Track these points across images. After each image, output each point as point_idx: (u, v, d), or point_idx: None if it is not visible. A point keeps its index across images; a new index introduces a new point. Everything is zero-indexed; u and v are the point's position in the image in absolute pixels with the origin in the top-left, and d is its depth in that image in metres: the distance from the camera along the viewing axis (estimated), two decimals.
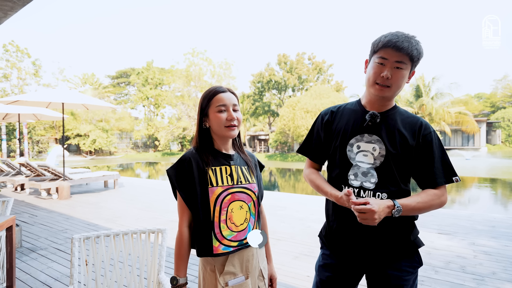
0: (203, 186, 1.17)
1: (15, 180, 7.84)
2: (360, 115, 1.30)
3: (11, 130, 22.09)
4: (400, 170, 1.24)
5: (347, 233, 1.28)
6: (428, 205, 1.18)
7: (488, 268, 3.06)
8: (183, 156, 1.22)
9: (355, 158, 1.27)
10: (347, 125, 1.31)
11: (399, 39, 1.16)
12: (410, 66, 1.20)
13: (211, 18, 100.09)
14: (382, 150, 1.24)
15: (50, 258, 3.45)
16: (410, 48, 1.15)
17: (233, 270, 1.16)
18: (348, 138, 1.30)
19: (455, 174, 1.23)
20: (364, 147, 1.26)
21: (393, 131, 1.24)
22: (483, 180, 13.89)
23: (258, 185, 1.30)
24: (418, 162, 1.24)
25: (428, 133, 1.24)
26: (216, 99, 1.22)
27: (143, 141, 39.03)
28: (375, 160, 1.24)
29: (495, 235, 4.06)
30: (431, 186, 1.22)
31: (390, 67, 1.18)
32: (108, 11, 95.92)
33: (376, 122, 1.25)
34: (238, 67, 79.05)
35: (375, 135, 1.26)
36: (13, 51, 25.40)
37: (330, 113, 1.40)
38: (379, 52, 1.20)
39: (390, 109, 1.29)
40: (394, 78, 1.18)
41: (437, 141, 1.25)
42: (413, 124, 1.26)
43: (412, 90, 24.02)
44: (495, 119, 33.58)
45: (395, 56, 1.16)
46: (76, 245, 1.53)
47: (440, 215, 5.22)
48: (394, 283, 1.23)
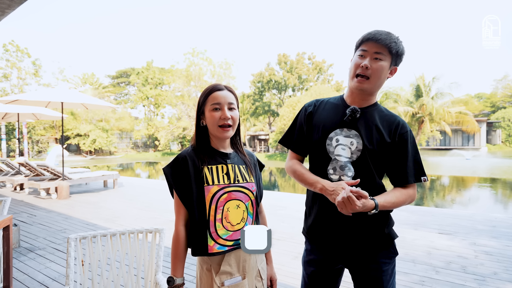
0: (199, 184, 1.16)
1: (14, 180, 7.83)
2: (341, 110, 1.33)
3: (11, 130, 22.07)
4: (376, 165, 1.28)
5: (325, 227, 1.31)
6: (402, 203, 1.24)
7: (489, 268, 3.04)
8: (179, 155, 1.21)
9: (333, 151, 1.30)
10: (328, 119, 1.34)
11: (378, 32, 1.23)
12: (390, 59, 1.25)
13: (211, 18, 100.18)
14: (359, 145, 1.27)
15: (48, 258, 3.43)
16: (388, 40, 1.21)
17: (229, 270, 1.14)
18: (328, 131, 1.32)
19: (424, 174, 1.30)
20: (342, 141, 1.29)
21: (371, 127, 1.28)
22: (483, 180, 13.87)
23: (257, 184, 1.28)
24: (392, 160, 1.29)
25: (405, 132, 1.28)
26: (211, 97, 1.20)
27: (143, 141, 39.01)
28: (352, 155, 1.28)
29: (496, 235, 4.03)
30: (402, 183, 1.28)
31: (369, 58, 1.23)
32: (108, 11, 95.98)
33: (356, 117, 1.28)
34: (238, 67, 78.95)
35: (354, 130, 1.29)
36: (13, 50, 25.38)
37: (313, 105, 1.42)
38: (361, 46, 1.27)
39: (370, 106, 1.33)
40: (373, 68, 1.22)
41: (412, 141, 1.30)
42: (391, 122, 1.30)
43: (413, 90, 23.96)
44: (495, 119, 33.56)
45: (374, 47, 1.22)
46: (72, 245, 1.51)
47: (440, 215, 5.20)
48: (373, 274, 1.29)
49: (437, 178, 14.67)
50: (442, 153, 29.27)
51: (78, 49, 79.27)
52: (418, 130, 23.20)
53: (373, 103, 1.34)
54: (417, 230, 4.31)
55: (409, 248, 3.60)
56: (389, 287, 1.31)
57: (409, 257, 3.34)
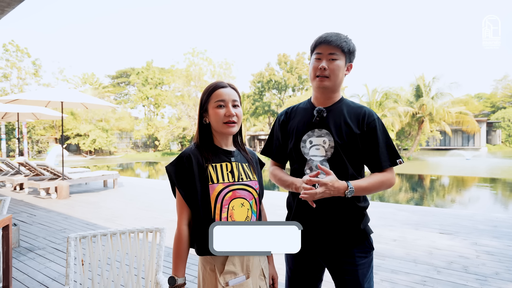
0: (203, 183, 1.14)
1: (14, 180, 7.81)
2: (310, 112, 1.41)
3: (11, 130, 22.04)
4: (350, 159, 1.33)
5: (303, 222, 1.33)
6: (378, 186, 1.30)
7: (491, 268, 3.03)
8: (182, 153, 1.19)
9: (308, 153, 1.37)
10: (299, 123, 1.42)
11: (329, 35, 1.32)
12: (344, 57, 1.33)
13: (211, 18, 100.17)
14: (331, 142, 1.33)
15: (48, 258, 3.41)
16: (339, 41, 1.30)
17: (234, 270, 1.12)
18: (301, 135, 1.39)
19: (399, 156, 1.35)
20: (315, 142, 1.36)
21: (340, 123, 1.34)
22: (483, 180, 13.86)
23: (259, 182, 1.27)
24: (365, 149, 1.34)
25: (372, 121, 1.33)
26: (215, 94, 1.19)
27: (143, 141, 38.96)
28: (326, 152, 1.34)
29: (497, 235, 4.02)
30: (378, 169, 1.33)
31: (325, 59, 1.31)
32: (108, 11, 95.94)
33: (323, 116, 1.35)
34: (238, 67, 78.90)
35: (324, 129, 1.35)
36: (13, 50, 25.32)
37: (285, 114, 1.51)
38: (315, 49, 1.35)
39: (336, 102, 1.40)
40: (330, 68, 1.31)
41: (381, 127, 1.35)
42: (358, 114, 1.35)
43: (413, 90, 23.94)
44: (495, 119, 33.57)
45: (328, 49, 1.30)
46: (72, 245, 1.50)
47: (441, 215, 5.19)
48: (348, 268, 1.33)
49: (437, 178, 14.66)
50: (442, 153, 29.26)
51: (78, 49, 79.29)
52: (418, 130, 23.19)
53: (339, 99, 1.41)
54: (418, 230, 4.30)
55: (410, 248, 3.59)
56: (366, 281, 1.34)
57: (410, 257, 3.33)
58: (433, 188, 12.01)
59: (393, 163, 1.33)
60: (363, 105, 1.39)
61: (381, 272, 2.96)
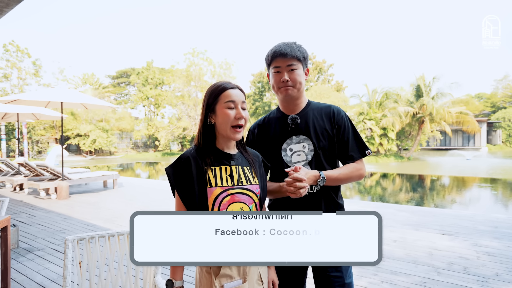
0: (201, 186, 1.13)
1: (14, 180, 7.81)
2: (283, 121, 1.47)
3: (11, 130, 22.04)
4: (327, 157, 1.44)
5: None
6: (349, 176, 1.40)
7: (491, 269, 3.01)
8: (182, 155, 1.18)
9: (291, 160, 1.44)
10: (275, 133, 1.48)
11: (282, 47, 1.38)
12: (301, 64, 1.40)
13: (211, 18, 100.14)
14: (310, 145, 1.42)
15: (46, 259, 3.40)
16: (294, 52, 1.36)
17: (229, 273, 1.10)
18: (280, 144, 1.46)
19: (367, 148, 1.47)
20: (295, 148, 1.44)
21: (315, 126, 1.43)
22: (483, 180, 13.83)
23: (261, 186, 1.25)
24: (338, 144, 1.45)
25: (341, 117, 1.45)
26: (225, 94, 1.17)
27: (143, 141, 38.94)
28: (307, 156, 1.43)
29: (498, 236, 4.01)
30: (350, 161, 1.44)
31: (285, 71, 1.38)
32: (108, 11, 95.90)
33: (297, 123, 1.43)
34: (238, 67, 78.77)
35: (302, 135, 1.43)
36: (13, 51, 25.34)
37: (257, 126, 1.56)
38: (272, 64, 1.41)
39: (305, 107, 1.48)
40: (292, 78, 1.38)
41: (349, 122, 1.47)
42: (328, 113, 1.46)
43: (413, 90, 23.89)
44: (496, 119, 33.54)
45: (285, 61, 1.37)
46: (70, 246, 1.49)
47: (441, 215, 5.17)
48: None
49: (437, 178, 14.65)
50: (442, 153, 29.24)
51: (78, 49, 79.20)
52: (419, 130, 23.17)
53: (307, 104, 1.49)
54: (418, 231, 4.29)
55: (410, 249, 3.58)
56: (348, 276, 1.43)
57: (410, 258, 3.32)
58: (434, 188, 11.99)
59: (362, 155, 1.44)
60: (330, 104, 1.50)
61: (381, 273, 2.94)
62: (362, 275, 2.89)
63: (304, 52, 1.42)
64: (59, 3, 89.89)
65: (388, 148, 23.27)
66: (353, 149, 1.44)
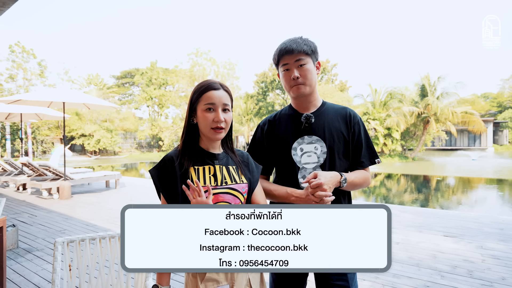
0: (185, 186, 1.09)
1: (17, 180, 7.86)
2: (296, 119, 1.40)
3: (16, 130, 22.23)
4: (341, 160, 1.38)
5: None
6: (362, 182, 1.36)
7: (497, 273, 2.93)
8: (165, 156, 1.16)
9: (300, 160, 1.37)
10: (287, 131, 1.41)
11: (287, 44, 1.32)
12: (310, 58, 1.33)
13: (214, 18, 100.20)
14: (323, 147, 1.35)
15: (45, 260, 3.39)
16: (300, 46, 1.30)
17: (216, 277, 1.06)
18: (290, 142, 1.38)
19: (377, 156, 1.44)
20: (306, 149, 1.36)
21: (329, 127, 1.36)
22: (490, 181, 13.64)
23: (249, 185, 1.21)
24: (351, 149, 1.40)
25: (357, 122, 1.40)
26: (206, 96, 1.13)
27: (147, 141, 39.09)
28: (319, 158, 1.35)
29: (503, 238, 3.91)
30: (359, 167, 1.40)
31: (294, 68, 1.31)
32: (112, 11, 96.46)
33: (311, 122, 1.35)
34: (242, 67, 78.80)
35: (315, 136, 1.36)
36: (19, 52, 25.60)
37: (268, 122, 1.48)
38: (280, 62, 1.35)
39: (320, 107, 1.41)
40: (302, 74, 1.31)
41: (363, 129, 1.42)
42: (343, 115, 1.40)
43: (418, 90, 23.64)
44: (502, 119, 33.12)
45: (292, 58, 1.31)
46: (59, 249, 1.45)
47: (445, 217, 5.08)
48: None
49: (442, 179, 14.47)
50: (447, 153, 28.94)
51: (83, 49, 79.74)
52: (424, 130, 22.94)
53: (322, 104, 1.43)
54: (421, 233, 4.20)
55: (413, 252, 3.50)
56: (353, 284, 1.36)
57: (413, 260, 3.25)
58: (439, 189, 11.84)
59: (372, 162, 1.42)
60: (345, 106, 1.44)
61: (383, 276, 2.88)
62: (363, 279, 2.82)
63: (312, 45, 1.35)
64: (64, 4, 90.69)
65: (392, 148, 23.08)
66: (365, 156, 1.40)
